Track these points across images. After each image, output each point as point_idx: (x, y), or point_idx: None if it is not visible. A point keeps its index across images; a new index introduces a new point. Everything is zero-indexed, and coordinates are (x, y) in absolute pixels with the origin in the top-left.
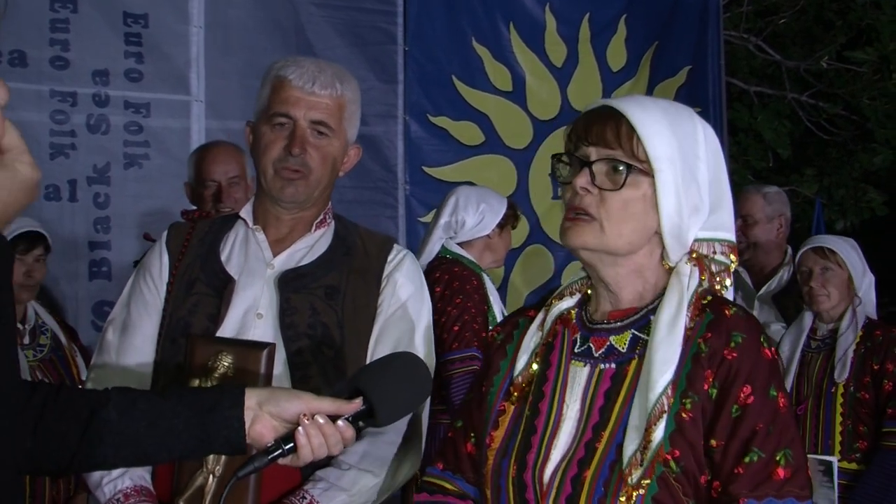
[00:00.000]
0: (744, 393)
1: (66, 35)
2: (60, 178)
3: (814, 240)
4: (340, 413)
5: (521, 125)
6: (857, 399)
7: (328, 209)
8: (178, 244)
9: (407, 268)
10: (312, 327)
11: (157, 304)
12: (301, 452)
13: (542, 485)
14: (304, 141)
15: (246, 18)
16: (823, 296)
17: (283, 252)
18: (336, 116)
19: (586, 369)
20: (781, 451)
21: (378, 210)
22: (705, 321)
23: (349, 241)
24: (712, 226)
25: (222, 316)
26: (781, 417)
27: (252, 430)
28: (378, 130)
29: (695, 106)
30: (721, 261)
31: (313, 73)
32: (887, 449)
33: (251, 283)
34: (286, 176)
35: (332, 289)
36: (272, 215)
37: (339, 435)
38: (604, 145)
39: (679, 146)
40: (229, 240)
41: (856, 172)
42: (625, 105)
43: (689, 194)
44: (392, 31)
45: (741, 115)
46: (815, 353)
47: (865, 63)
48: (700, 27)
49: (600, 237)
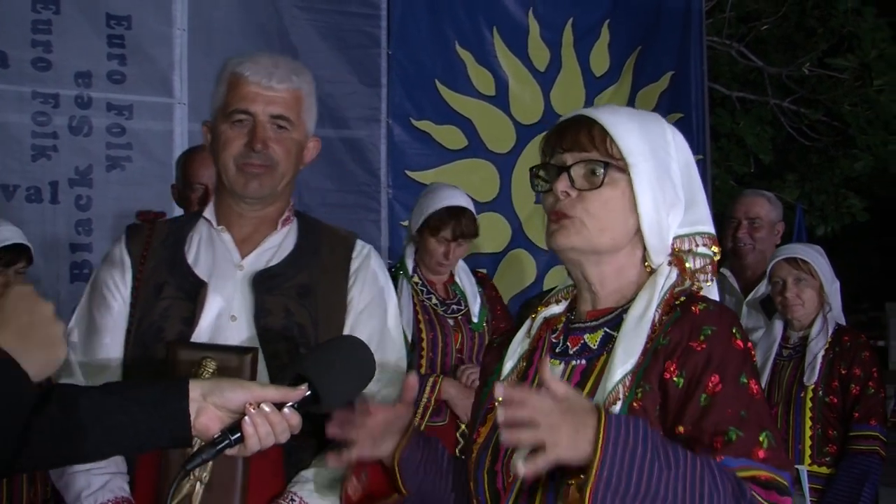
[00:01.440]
0: (712, 382)
1: (48, 36)
2: (42, 179)
3: (785, 250)
4: (286, 400)
5: (504, 130)
6: (825, 403)
7: (290, 206)
8: (139, 246)
9: (372, 262)
10: (288, 329)
11: (121, 307)
12: (248, 442)
13: (509, 475)
14: (266, 136)
15: (229, 21)
16: (798, 305)
17: (252, 252)
18: (294, 109)
19: (560, 367)
20: (764, 433)
21: (361, 213)
22: (672, 318)
23: (314, 238)
24: (690, 222)
25: (196, 319)
26: (755, 403)
27: (197, 422)
28: (361, 134)
29: (677, 111)
30: (703, 253)
31: (269, 67)
32: (855, 452)
33: (222, 285)
34: (249, 171)
35: (305, 288)
36: (235, 214)
37: (286, 422)
38: (579, 149)
39: (650, 144)
40: (193, 241)
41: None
42: (595, 112)
43: (664, 189)
44: (375, 34)
45: (723, 121)
46: (786, 360)
47: (847, 70)
48: (683, 33)
49: (585, 236)
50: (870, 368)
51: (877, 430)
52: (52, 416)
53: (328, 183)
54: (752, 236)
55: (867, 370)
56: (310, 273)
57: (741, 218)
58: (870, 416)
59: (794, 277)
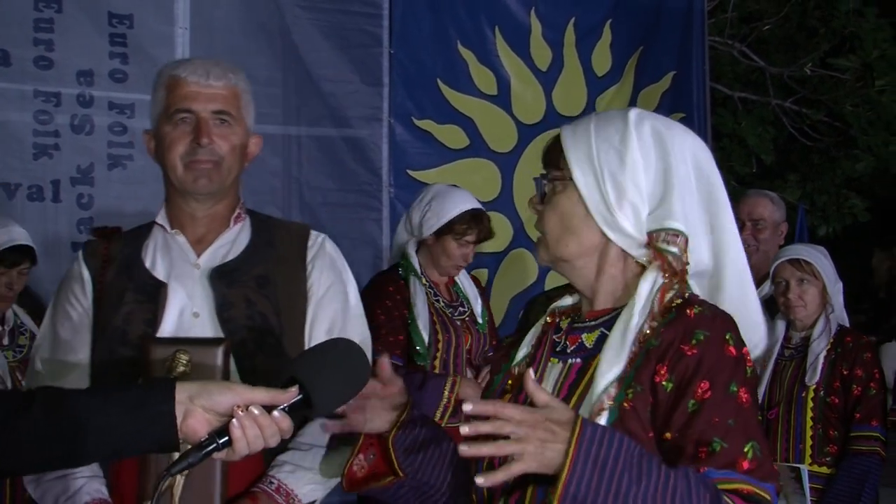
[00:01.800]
0: (701, 388)
1: (50, 35)
2: (44, 178)
3: (788, 251)
4: (276, 403)
5: (506, 129)
6: (827, 404)
7: (241, 204)
8: (97, 261)
9: (328, 251)
10: (251, 318)
11: (86, 324)
12: (236, 445)
13: None
14: (210, 131)
15: (231, 20)
16: (800, 306)
17: (207, 250)
18: (234, 105)
19: (559, 365)
20: (749, 444)
21: (362, 213)
22: (666, 320)
23: (268, 232)
24: (659, 216)
25: (159, 320)
26: (744, 412)
27: (185, 425)
28: (363, 133)
29: (679, 111)
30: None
31: (205, 67)
32: (856, 453)
33: (182, 284)
34: (197, 167)
35: (263, 279)
36: (187, 215)
37: (276, 426)
38: (552, 166)
39: (599, 146)
40: (149, 247)
41: (838, 179)
42: (565, 127)
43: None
44: (377, 33)
45: (725, 121)
46: (788, 360)
47: (848, 70)
48: (684, 33)
49: (548, 249)
50: (871, 369)
51: (878, 430)
52: (36, 419)
53: (329, 182)
54: (756, 237)
55: (869, 371)
56: (266, 265)
57: (745, 219)
58: (871, 416)
59: (798, 279)
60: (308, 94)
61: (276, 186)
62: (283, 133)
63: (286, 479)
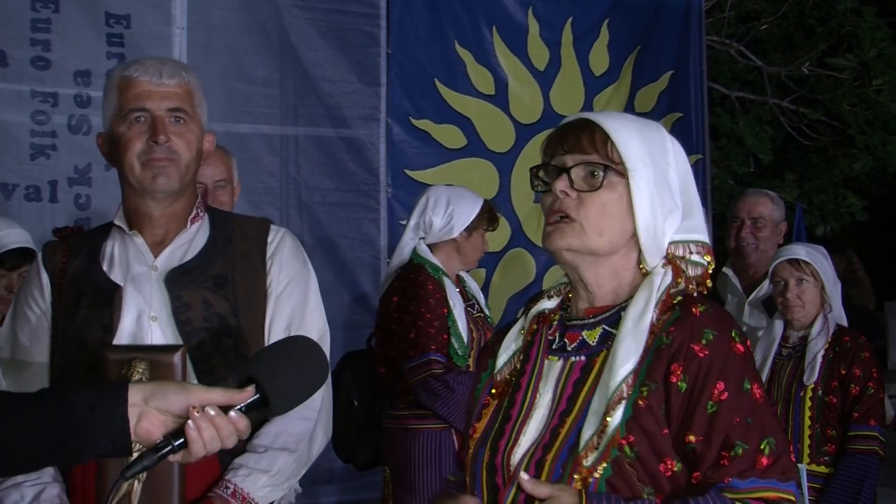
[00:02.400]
0: (717, 389)
1: (47, 35)
2: (41, 178)
3: (787, 251)
4: (232, 403)
5: (504, 129)
6: (825, 403)
7: (198, 202)
8: (56, 263)
9: (288, 246)
10: (208, 320)
11: (44, 326)
12: (192, 447)
13: (510, 468)
14: (167, 129)
15: (229, 20)
16: (798, 306)
17: (164, 252)
18: (188, 102)
19: (559, 363)
20: (766, 441)
21: (360, 213)
22: (672, 318)
23: (227, 229)
24: (686, 229)
25: (115, 324)
26: (759, 408)
27: (139, 427)
28: (360, 133)
29: (676, 111)
30: (697, 261)
31: (157, 66)
32: (854, 452)
33: (139, 287)
34: (154, 165)
35: (221, 278)
36: (145, 215)
37: (232, 426)
38: (580, 151)
39: (649, 150)
40: (107, 249)
41: (836, 178)
42: (597, 116)
43: (662, 196)
44: (375, 33)
45: (723, 121)
46: (785, 360)
47: (846, 69)
48: (682, 32)
49: (582, 237)
50: (869, 369)
51: (876, 430)
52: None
53: (327, 182)
54: (756, 236)
55: (867, 370)
56: (224, 263)
57: (744, 217)
58: (869, 416)
59: (796, 278)
60: (306, 94)
61: (274, 186)
62: (281, 133)
63: (242, 482)
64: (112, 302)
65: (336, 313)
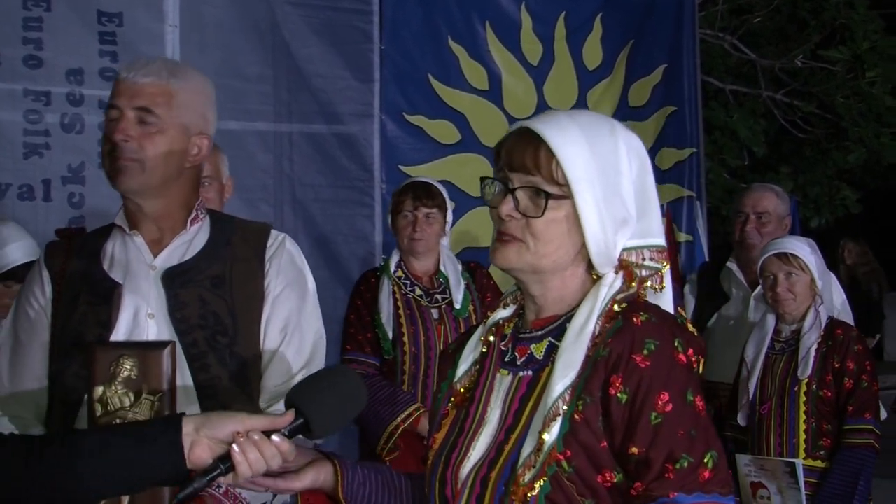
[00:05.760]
0: (661, 400)
1: (39, 34)
2: (34, 177)
3: (774, 245)
4: (274, 428)
5: (497, 124)
6: (819, 397)
7: (199, 203)
8: (57, 262)
9: (287, 250)
10: (204, 318)
11: (43, 323)
12: (239, 469)
13: (458, 483)
14: (127, 127)
15: (221, 17)
16: (789, 299)
17: (163, 251)
18: (162, 104)
19: (509, 377)
20: (709, 454)
21: (354, 209)
22: (613, 328)
23: (227, 231)
24: (640, 234)
25: (113, 321)
26: (702, 420)
27: (192, 454)
28: (354, 129)
29: (670, 104)
30: (652, 266)
31: (142, 64)
32: (850, 446)
33: (137, 285)
34: (116, 164)
35: (218, 279)
36: (136, 214)
37: (275, 449)
38: (524, 171)
39: (598, 165)
40: (108, 248)
41: (830, 170)
42: (544, 128)
43: (612, 210)
44: (368, 29)
45: (716, 114)
46: (778, 354)
47: (839, 62)
48: (675, 26)
49: (526, 257)
50: (863, 362)
51: (871, 423)
52: (50, 458)
53: (321, 178)
54: (760, 231)
55: (860, 364)
56: (223, 264)
57: (749, 212)
58: (864, 409)
59: (785, 272)
60: (299, 90)
61: (268, 183)
62: (275, 130)
63: None
64: (111, 299)
65: (331, 309)
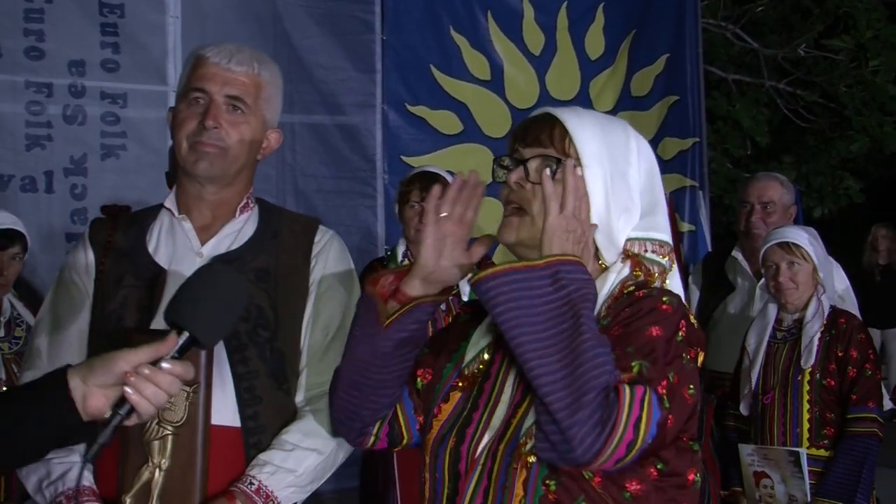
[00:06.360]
0: (615, 332)
1: (41, 25)
2: (37, 169)
3: (776, 234)
4: (159, 355)
5: (500, 114)
6: (822, 386)
7: (250, 193)
8: (101, 240)
9: (335, 248)
10: (247, 310)
11: (85, 302)
12: (139, 408)
13: (473, 458)
14: (219, 114)
15: (222, 8)
16: (791, 288)
17: (211, 239)
18: (252, 94)
19: None
20: (638, 362)
21: (357, 200)
22: (619, 303)
23: (275, 223)
24: (645, 227)
25: (155, 307)
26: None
27: (88, 405)
28: (356, 120)
29: (672, 94)
30: (654, 259)
31: (231, 51)
32: (853, 435)
33: (182, 271)
34: (200, 149)
35: (263, 271)
36: (194, 198)
37: (169, 375)
38: (538, 145)
39: (609, 149)
40: (155, 231)
41: (833, 160)
42: (560, 111)
43: (617, 193)
44: (369, 20)
45: (719, 103)
46: (780, 343)
47: (842, 51)
48: (678, 15)
49: (532, 231)
50: (866, 350)
51: (874, 412)
52: None
53: (323, 169)
54: (765, 221)
55: (863, 352)
56: (268, 256)
57: (754, 202)
58: (867, 398)
59: (787, 261)
60: (301, 81)
61: (271, 174)
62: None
63: (267, 480)
64: (154, 284)
65: None
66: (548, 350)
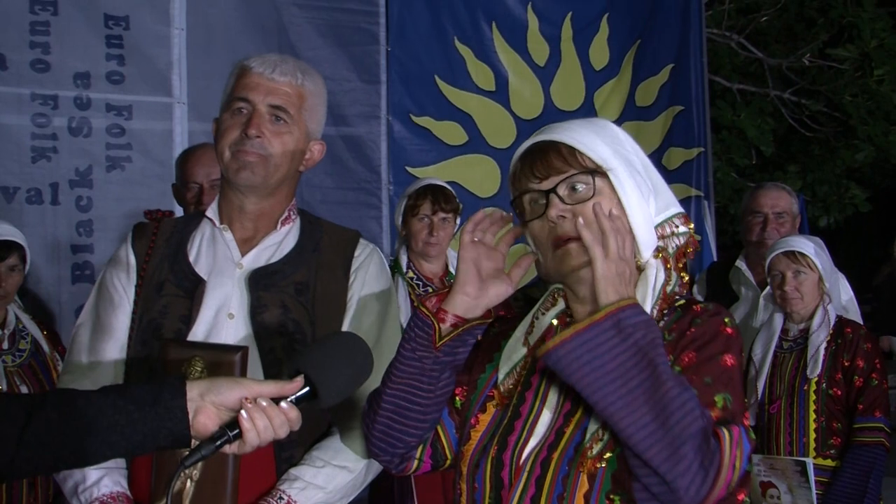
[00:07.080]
0: (688, 357)
1: (46, 38)
2: (42, 181)
3: (782, 243)
4: (282, 395)
5: (505, 125)
6: (829, 396)
7: (292, 205)
8: (143, 245)
9: (375, 262)
10: (283, 325)
11: (126, 307)
12: (246, 436)
13: (518, 466)
14: (261, 123)
15: (228, 20)
16: (797, 298)
17: (252, 251)
18: (295, 105)
19: None
20: (721, 395)
21: (362, 211)
22: (675, 317)
23: (315, 236)
24: (662, 207)
25: (194, 317)
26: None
27: (196, 421)
28: (361, 131)
29: (677, 104)
30: (682, 231)
31: (275, 62)
32: (860, 445)
33: (221, 282)
34: (242, 158)
35: (302, 285)
36: (236, 208)
37: (283, 416)
38: (555, 172)
39: (611, 148)
40: (196, 239)
41: (838, 169)
42: (549, 135)
43: (639, 184)
44: (374, 31)
45: (724, 113)
46: (787, 353)
47: (847, 60)
48: (682, 25)
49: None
50: (872, 360)
51: (881, 421)
52: (50, 420)
53: (329, 180)
54: (779, 231)
55: (870, 362)
56: (308, 270)
57: (767, 212)
58: (874, 407)
59: (793, 270)
60: None
61: None
62: None
63: (297, 495)
64: (194, 294)
65: None
66: (633, 405)
